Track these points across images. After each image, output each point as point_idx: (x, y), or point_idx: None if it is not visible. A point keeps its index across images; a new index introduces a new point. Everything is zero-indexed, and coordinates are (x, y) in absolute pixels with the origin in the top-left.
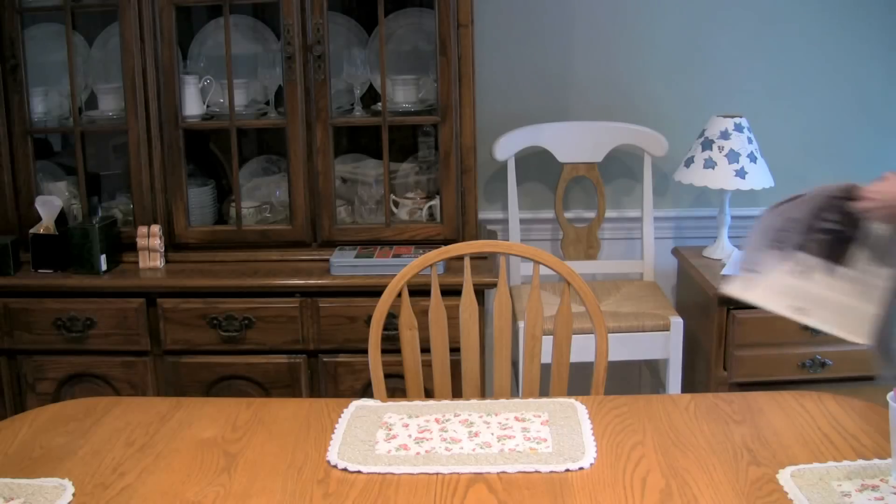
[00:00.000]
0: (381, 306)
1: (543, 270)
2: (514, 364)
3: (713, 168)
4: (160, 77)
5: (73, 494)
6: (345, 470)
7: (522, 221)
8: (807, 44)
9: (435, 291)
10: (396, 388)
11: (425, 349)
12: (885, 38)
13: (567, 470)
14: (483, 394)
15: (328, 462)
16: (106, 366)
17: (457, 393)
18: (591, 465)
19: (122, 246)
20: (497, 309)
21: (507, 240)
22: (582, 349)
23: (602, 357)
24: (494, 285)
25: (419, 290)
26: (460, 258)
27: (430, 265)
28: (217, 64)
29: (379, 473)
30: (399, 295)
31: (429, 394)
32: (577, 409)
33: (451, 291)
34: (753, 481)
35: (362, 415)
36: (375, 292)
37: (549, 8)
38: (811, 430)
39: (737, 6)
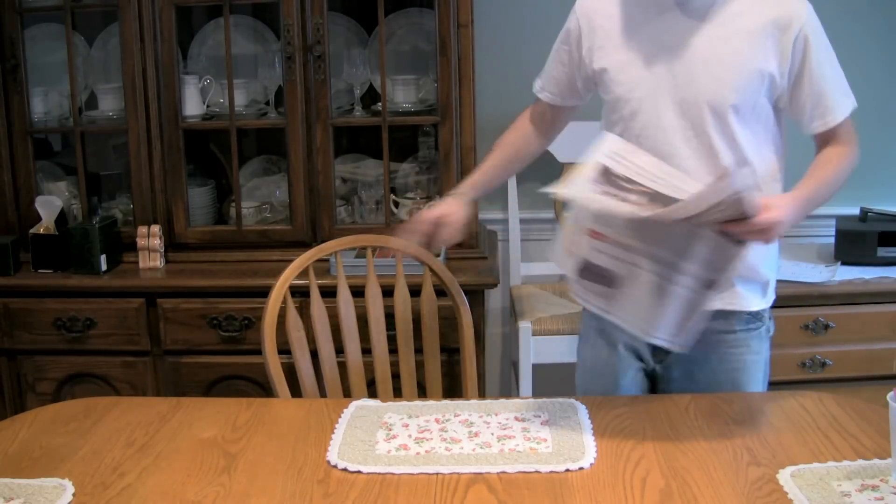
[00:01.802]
0: (272, 310)
1: (544, 270)
2: (515, 364)
3: None
4: (160, 77)
5: (73, 494)
6: (345, 470)
7: (522, 221)
8: None
9: (317, 292)
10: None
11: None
12: (885, 36)
13: (567, 470)
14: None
15: (328, 462)
16: (106, 366)
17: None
18: (591, 465)
19: (122, 246)
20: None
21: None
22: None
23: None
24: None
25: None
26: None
27: (307, 266)
28: (217, 64)
29: (379, 473)
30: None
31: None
32: (578, 409)
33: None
34: (753, 481)
35: (362, 415)
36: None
37: (549, 8)
38: (811, 430)
39: None
